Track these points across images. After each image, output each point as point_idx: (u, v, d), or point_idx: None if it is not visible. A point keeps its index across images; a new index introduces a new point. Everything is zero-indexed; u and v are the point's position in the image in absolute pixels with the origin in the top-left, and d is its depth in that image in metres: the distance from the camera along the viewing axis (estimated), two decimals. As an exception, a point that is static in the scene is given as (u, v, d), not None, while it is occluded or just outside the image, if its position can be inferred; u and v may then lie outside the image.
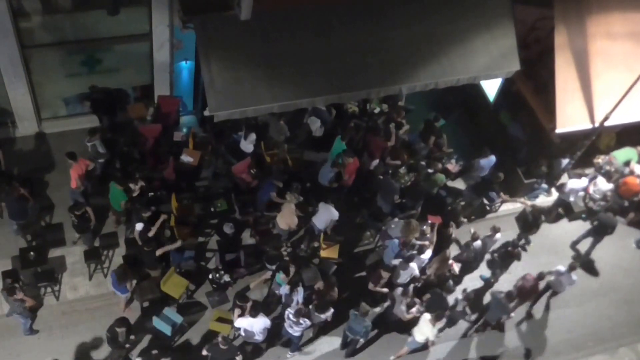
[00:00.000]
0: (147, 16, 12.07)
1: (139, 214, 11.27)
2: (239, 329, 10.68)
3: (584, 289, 13.83)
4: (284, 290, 11.18)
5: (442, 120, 14.46)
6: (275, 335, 11.44)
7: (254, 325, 10.52)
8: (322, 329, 11.95)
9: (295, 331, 10.86)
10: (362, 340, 11.62)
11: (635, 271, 14.35)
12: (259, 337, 10.77)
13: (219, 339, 10.09)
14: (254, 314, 10.44)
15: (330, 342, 12.14)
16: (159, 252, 11.13)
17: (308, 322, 10.74)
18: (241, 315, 10.57)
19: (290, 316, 10.69)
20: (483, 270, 13.56)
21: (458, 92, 14.20)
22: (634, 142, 15.42)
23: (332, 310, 11.08)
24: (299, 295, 11.19)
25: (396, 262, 11.86)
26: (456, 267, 12.64)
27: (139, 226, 11.11)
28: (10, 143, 13.07)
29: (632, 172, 14.78)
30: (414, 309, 11.55)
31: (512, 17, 12.93)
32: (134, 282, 11.19)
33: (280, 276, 11.18)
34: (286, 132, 13.48)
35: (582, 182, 14.34)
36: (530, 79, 14.02)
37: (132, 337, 10.36)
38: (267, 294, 12.14)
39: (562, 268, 12.51)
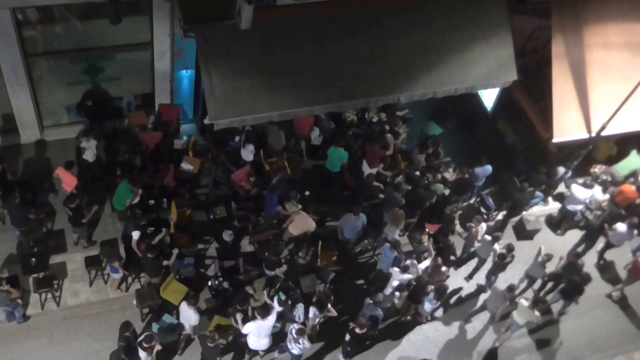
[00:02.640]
0: (148, 25, 12.21)
1: (136, 222, 11.38)
2: (245, 335, 10.64)
3: (580, 298, 13.90)
4: (278, 308, 11.15)
5: (439, 128, 14.55)
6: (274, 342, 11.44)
7: (262, 326, 10.41)
8: (320, 333, 11.92)
9: (293, 348, 10.82)
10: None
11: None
12: (265, 342, 10.72)
13: (211, 335, 10.32)
14: (264, 314, 10.25)
15: (329, 346, 12.21)
16: (165, 263, 11.25)
17: (307, 345, 10.65)
18: (245, 319, 10.48)
19: (293, 332, 10.61)
20: (481, 277, 13.64)
21: (456, 101, 14.30)
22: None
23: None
24: (300, 312, 11.23)
25: (392, 270, 11.93)
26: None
27: (135, 234, 11.23)
28: (12, 150, 13.18)
29: (637, 181, 14.85)
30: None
31: (509, 27, 13.03)
32: (121, 262, 11.40)
33: (282, 297, 11.02)
34: (283, 141, 13.60)
35: (587, 192, 14.19)
36: (528, 88, 14.09)
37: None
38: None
39: (623, 226, 13.58)
